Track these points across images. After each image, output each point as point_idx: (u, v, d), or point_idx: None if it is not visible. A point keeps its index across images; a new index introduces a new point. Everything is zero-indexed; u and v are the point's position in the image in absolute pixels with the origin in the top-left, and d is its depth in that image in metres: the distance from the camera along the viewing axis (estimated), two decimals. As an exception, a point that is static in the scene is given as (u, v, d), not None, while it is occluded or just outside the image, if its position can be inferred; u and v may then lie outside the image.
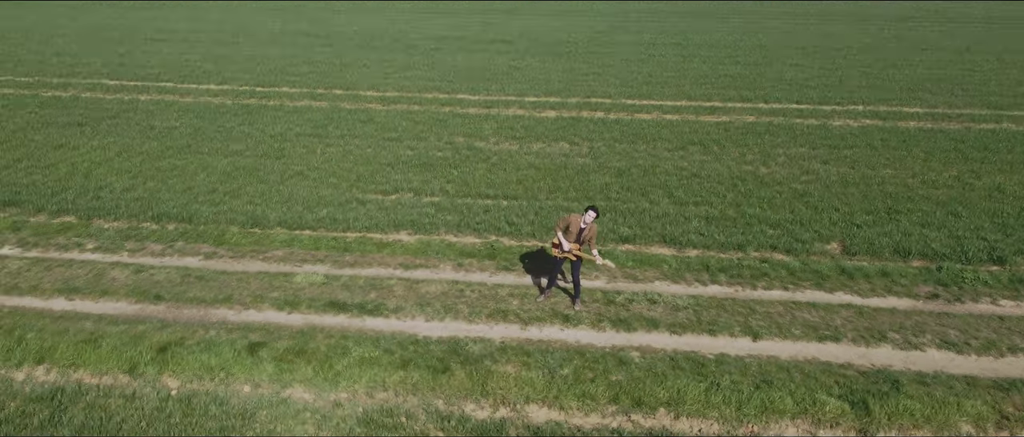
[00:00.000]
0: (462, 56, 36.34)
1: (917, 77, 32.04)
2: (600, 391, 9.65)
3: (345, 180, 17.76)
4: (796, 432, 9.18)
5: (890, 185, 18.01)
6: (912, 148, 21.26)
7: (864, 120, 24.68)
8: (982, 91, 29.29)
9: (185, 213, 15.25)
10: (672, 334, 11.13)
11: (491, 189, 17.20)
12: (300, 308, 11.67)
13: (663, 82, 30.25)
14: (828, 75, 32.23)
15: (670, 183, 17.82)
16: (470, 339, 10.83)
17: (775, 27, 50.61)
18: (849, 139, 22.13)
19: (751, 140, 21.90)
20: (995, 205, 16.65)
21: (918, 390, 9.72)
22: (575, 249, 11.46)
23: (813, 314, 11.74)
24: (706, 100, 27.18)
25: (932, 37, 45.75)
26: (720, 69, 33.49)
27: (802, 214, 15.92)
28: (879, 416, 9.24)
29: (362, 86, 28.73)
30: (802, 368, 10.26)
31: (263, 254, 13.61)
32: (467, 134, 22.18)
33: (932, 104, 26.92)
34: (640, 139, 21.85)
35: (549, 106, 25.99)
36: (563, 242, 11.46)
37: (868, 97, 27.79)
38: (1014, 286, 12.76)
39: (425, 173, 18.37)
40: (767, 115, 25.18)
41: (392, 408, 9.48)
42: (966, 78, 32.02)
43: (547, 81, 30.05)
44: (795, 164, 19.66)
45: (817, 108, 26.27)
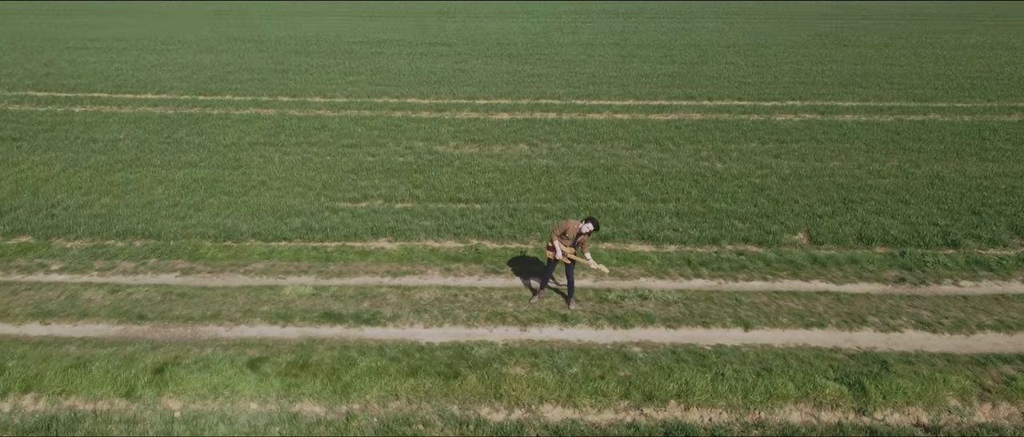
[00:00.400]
0: (404, 60, 36.10)
1: (846, 72, 33.59)
2: (611, 387, 9.85)
3: (311, 189, 17.46)
4: (800, 416, 9.58)
5: (840, 176, 18.88)
6: (853, 140, 22.33)
7: (804, 114, 25.75)
8: (906, 84, 30.95)
9: (151, 229, 14.72)
10: (668, 328, 11.44)
11: (461, 193, 17.22)
12: (294, 321, 11.46)
13: (608, 82, 30.80)
14: (763, 72, 33.45)
15: (635, 181, 18.22)
16: (473, 343, 10.88)
17: (705, 26, 52.12)
18: (794, 133, 23.07)
19: (703, 137, 22.56)
20: (937, 192, 17.68)
21: (906, 369, 10.30)
22: (570, 252, 11.65)
23: (796, 302, 12.26)
24: (653, 99, 27.83)
25: (852, 34, 47.98)
26: (659, 68, 34.31)
27: (765, 207, 16.54)
28: (875, 396, 9.75)
29: (308, 92, 28.22)
30: (796, 354, 10.71)
31: (243, 268, 13.28)
32: (425, 138, 22.10)
33: (864, 97, 28.30)
34: (597, 139, 22.22)
35: (501, 108, 26.13)
36: (558, 246, 11.63)
37: (804, 93, 28.99)
38: (970, 268, 13.62)
39: (391, 179, 18.24)
40: (713, 112, 25.97)
41: (407, 416, 9.44)
42: (889, 72, 33.76)
43: (494, 83, 30.18)
44: (749, 159, 20.38)
45: (758, 104, 27.25)
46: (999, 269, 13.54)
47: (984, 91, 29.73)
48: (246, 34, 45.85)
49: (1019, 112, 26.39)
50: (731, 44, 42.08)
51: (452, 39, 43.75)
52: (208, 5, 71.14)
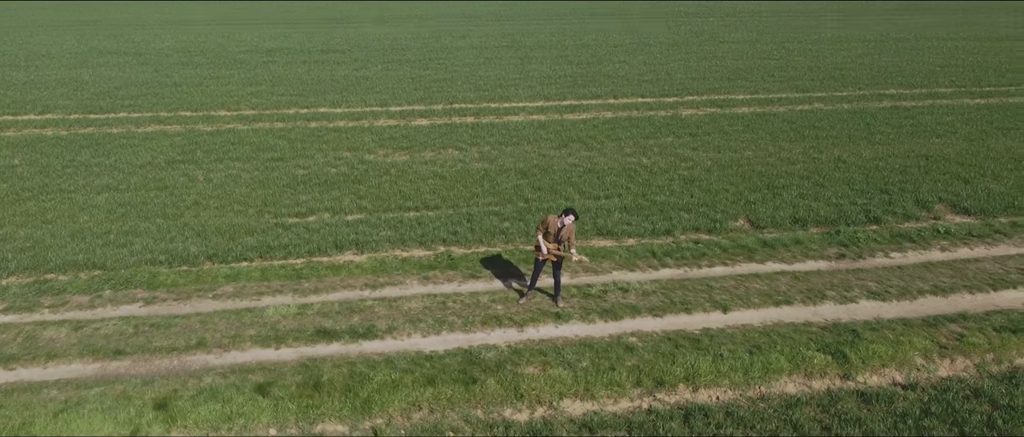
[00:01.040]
0: (301, 68, 35.13)
1: (729, 67, 35.83)
2: (623, 378, 10.29)
3: (251, 205, 16.85)
4: (794, 387, 10.40)
5: (756, 165, 20.28)
6: (757, 131, 23.99)
7: (705, 109, 27.33)
8: (784, 76, 33.45)
9: (93, 259, 13.76)
10: (654, 317, 12.03)
11: (408, 201, 17.16)
12: (287, 342, 11.14)
13: (513, 84, 31.34)
14: (656, 70, 35.11)
15: (574, 180, 18.80)
16: (478, 347, 11.01)
17: (589, 28, 53.77)
18: (702, 126, 24.48)
19: (621, 134, 23.51)
20: (845, 174, 19.39)
21: (874, 335, 11.38)
22: (554, 249, 11.98)
23: (760, 283, 13.19)
24: (562, 99, 28.62)
25: (723, 31, 51.12)
26: (558, 69, 35.24)
27: (701, 197, 17.55)
28: (855, 362, 10.73)
29: (211, 106, 26.97)
30: (776, 331, 11.57)
31: (211, 292, 12.71)
32: (351, 148, 21.76)
33: (753, 90, 30.35)
34: (522, 141, 22.67)
35: (418, 114, 26.06)
36: (542, 245, 11.95)
37: (698, 88, 30.73)
38: (896, 241, 15.11)
39: (331, 191, 17.89)
40: (622, 110, 27.06)
41: (434, 425, 9.47)
42: (767, 65, 36.34)
43: (403, 90, 30.01)
44: (669, 153, 21.47)
45: (661, 100, 28.64)
46: (920, 240, 15.11)
47: (854, 80, 32.63)
48: (119, 46, 42.97)
49: (888, 99, 29.19)
50: (618, 44, 43.78)
51: (344, 46, 42.93)
52: (60, 15, 65.89)
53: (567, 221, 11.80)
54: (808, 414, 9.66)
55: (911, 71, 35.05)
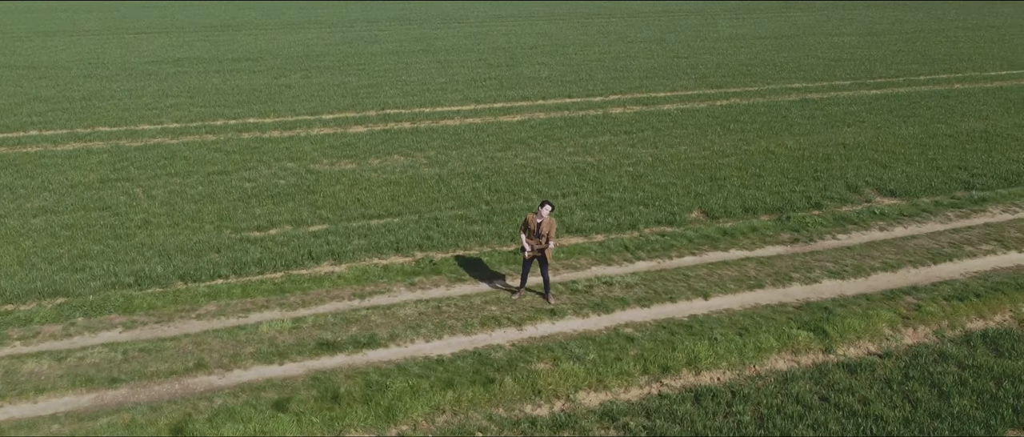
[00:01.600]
0: (216, 78, 33.91)
1: (644, 66, 37.17)
2: (631, 367, 10.74)
3: (206, 221, 16.33)
4: (784, 364, 11.16)
5: (694, 159, 21.29)
6: (685, 126, 25.12)
7: (632, 107, 28.34)
8: (696, 74, 35.04)
9: (52, 286, 13.03)
10: (643, 307, 12.57)
11: (370, 209, 17.07)
12: (291, 357, 10.98)
13: (440, 88, 31.42)
14: (576, 70, 35.99)
15: (528, 180, 19.19)
16: (484, 348, 11.21)
17: (498, 30, 54.24)
18: (635, 124, 25.41)
19: (559, 134, 24.10)
20: (776, 164, 20.65)
21: (844, 311, 12.34)
22: (537, 245, 12.26)
23: (730, 270, 13.98)
24: (493, 102, 28.97)
25: (628, 31, 52.81)
26: (480, 72, 35.55)
27: (652, 192, 18.32)
28: (834, 336, 11.62)
29: (131, 120, 25.72)
30: (756, 313, 12.35)
31: (193, 312, 12.31)
32: (293, 159, 21.34)
33: (672, 88, 31.67)
34: (465, 144, 22.87)
35: (353, 122, 25.78)
36: (525, 244, 12.27)
37: (621, 87, 31.78)
38: (839, 223, 16.32)
39: (285, 203, 17.55)
40: (554, 111, 27.68)
41: (460, 426, 9.62)
42: (678, 64, 37.92)
43: (330, 97, 29.54)
44: (610, 151, 22.21)
45: (588, 100, 29.46)
46: (860, 222, 16.37)
47: (761, 76, 34.57)
48: (8, 59, 40.05)
49: (795, 92, 31.13)
50: (533, 46, 44.51)
51: (254, 53, 41.65)
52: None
53: (544, 212, 12.10)
54: (804, 387, 10.41)
55: (809, 66, 37.43)
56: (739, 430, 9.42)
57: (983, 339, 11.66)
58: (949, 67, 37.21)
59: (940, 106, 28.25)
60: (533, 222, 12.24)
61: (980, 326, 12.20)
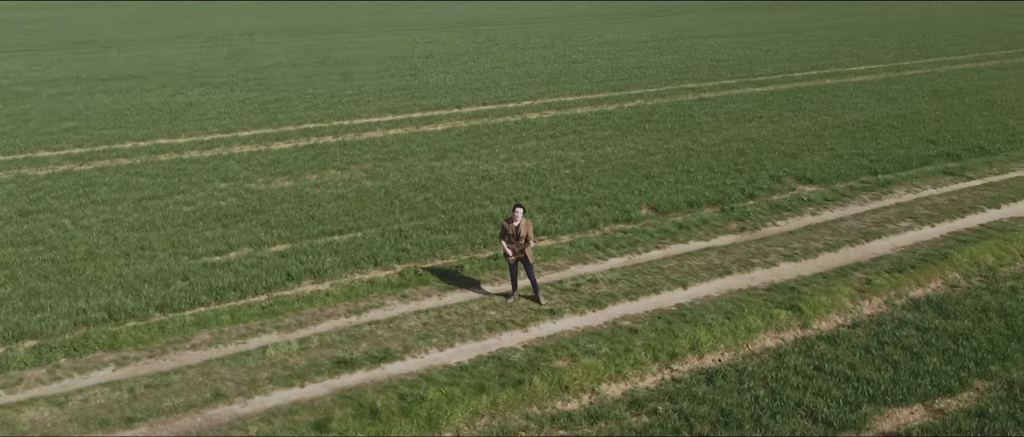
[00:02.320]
0: (106, 98, 31.85)
1: (544, 71, 38.26)
2: (642, 357, 11.42)
3: (157, 249, 15.60)
4: (771, 341, 12.20)
5: (622, 158, 22.38)
6: (603, 128, 26.27)
7: (546, 112, 29.24)
8: (595, 78, 36.49)
9: (15, 329, 12.11)
10: (631, 300, 13.29)
11: (327, 226, 16.89)
12: (310, 378, 10.85)
13: (350, 100, 31.09)
14: (480, 77, 36.55)
15: (476, 188, 19.55)
16: (498, 352, 11.53)
17: (384, 41, 53.82)
18: (556, 128, 26.28)
19: (487, 141, 24.57)
20: (699, 160, 22.09)
21: (809, 290, 13.58)
22: (518, 247, 12.64)
23: (697, 260, 14.98)
24: (409, 112, 29.02)
25: (519, 38, 53.93)
26: (386, 83, 35.41)
27: (598, 192, 19.17)
28: (808, 313, 12.80)
29: (28, 147, 23.83)
30: (733, 298, 13.37)
31: (187, 343, 11.85)
32: (224, 179, 20.61)
33: (578, 92, 32.88)
34: (400, 155, 22.89)
35: (272, 138, 25.12)
36: (506, 248, 12.71)
37: (529, 93, 32.66)
38: (776, 211, 17.77)
39: (236, 224, 17.04)
40: (472, 118, 28.11)
41: (501, 427, 9.93)
42: (575, 69, 39.30)
43: (239, 113, 28.56)
44: (543, 155, 22.94)
45: (503, 106, 30.11)
46: (793, 209, 17.91)
47: (654, 78, 36.50)
48: None
49: (692, 92, 33.16)
50: (429, 54, 44.65)
51: (137, 70, 39.32)
52: None
53: (517, 214, 12.57)
54: (798, 361, 11.45)
55: (696, 67, 39.84)
56: (757, 403, 10.29)
57: (928, 304, 13.21)
58: (816, 64, 40.71)
59: (820, 100, 30.99)
60: (511, 227, 12.66)
61: (920, 293, 13.79)
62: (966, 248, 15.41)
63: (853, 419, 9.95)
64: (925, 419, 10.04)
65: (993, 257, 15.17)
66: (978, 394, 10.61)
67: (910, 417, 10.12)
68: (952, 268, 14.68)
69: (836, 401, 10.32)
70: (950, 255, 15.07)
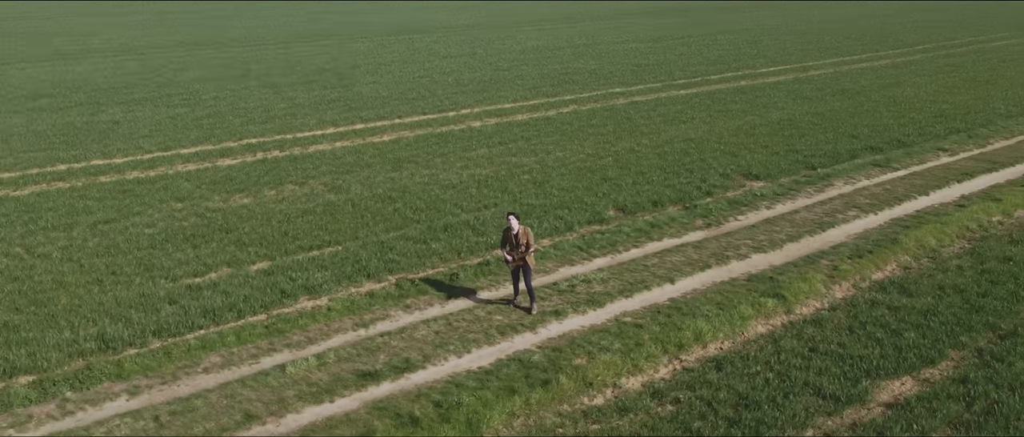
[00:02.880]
0: (18, 119, 29.96)
1: (472, 79, 38.63)
2: (653, 350, 12.02)
3: (131, 274, 15.06)
4: (763, 328, 13.07)
5: (575, 163, 23.06)
6: (549, 133, 26.90)
7: (488, 119, 29.64)
8: (524, 85, 37.17)
9: (8, 365, 11.52)
10: (626, 298, 13.90)
11: (303, 241, 16.73)
12: (338, 392, 10.86)
13: (286, 113, 30.52)
14: (412, 87, 36.55)
15: (441, 196, 19.73)
16: (517, 354, 11.88)
17: (304, 51, 52.69)
18: (503, 135, 26.71)
19: (439, 150, 24.73)
20: (650, 161, 23.02)
21: (785, 278, 14.57)
22: (518, 254, 13.01)
23: (677, 256, 15.77)
24: (351, 124, 28.78)
25: (441, 49, 53.97)
26: (317, 95, 34.89)
27: (563, 196, 19.73)
28: (791, 299, 13.76)
29: (-56, 173, 22.27)
30: (719, 289, 14.20)
31: (199, 366, 11.59)
32: (179, 198, 19.97)
33: (514, 99, 33.42)
34: (354, 167, 22.75)
35: (216, 155, 24.42)
36: (505, 256, 13.09)
37: (467, 101, 32.96)
38: (734, 206, 18.83)
39: (207, 244, 16.62)
40: (417, 128, 28.18)
41: (537, 426, 10.29)
42: (501, 76, 39.85)
43: (173, 130, 27.55)
44: (497, 162, 23.33)
45: (444, 115, 30.29)
46: (749, 204, 19.02)
47: (583, 83, 37.52)
48: None
49: (620, 96, 34.32)
50: (354, 65, 44.18)
51: (45, 89, 37.08)
52: None
53: (512, 222, 12.96)
54: (793, 344, 12.33)
55: (619, 72, 41.15)
56: (769, 385, 11.05)
57: (891, 285, 14.44)
58: (728, 67, 42.83)
59: (743, 101, 32.75)
60: (510, 235, 13.02)
61: (881, 276, 15.04)
62: (911, 233, 16.86)
63: (856, 393, 10.85)
64: (917, 389, 11.06)
65: (935, 240, 16.66)
66: (955, 363, 11.76)
67: (903, 388, 11.11)
68: (903, 251, 16.04)
69: (837, 378, 11.21)
70: (899, 239, 16.46)
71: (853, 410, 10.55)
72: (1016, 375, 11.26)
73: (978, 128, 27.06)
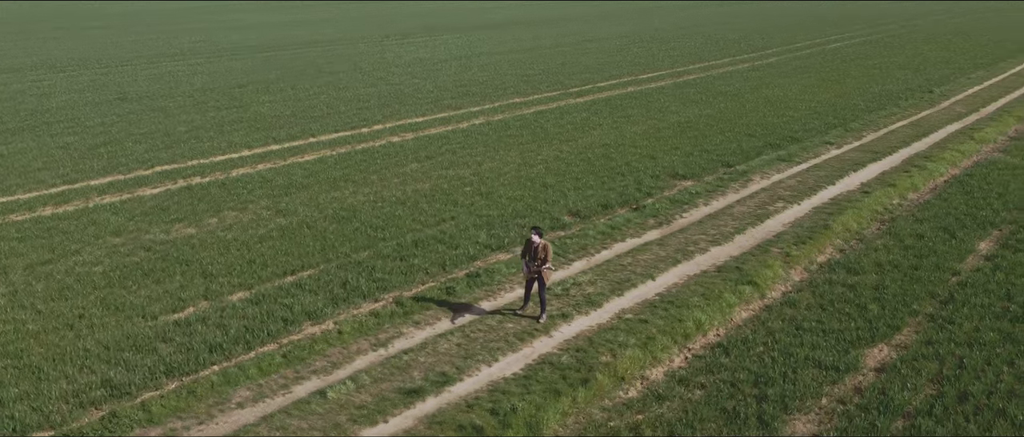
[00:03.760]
0: None
1: (373, 95, 38.40)
2: (666, 341, 13.00)
3: (103, 315, 14.20)
4: (746, 313, 14.40)
5: (509, 172, 23.78)
6: (472, 146, 27.42)
7: (404, 134, 29.73)
8: (425, 100, 37.47)
9: (17, 423, 10.71)
10: (619, 296, 14.82)
11: (276, 267, 16.38)
12: (389, 412, 10.98)
13: (188, 138, 29.06)
14: (303, 107, 35.76)
15: (395, 214, 19.81)
16: (545, 357, 12.45)
17: (182, 70, 49.87)
18: (428, 149, 26.95)
19: (370, 167, 24.64)
20: (580, 167, 24.15)
21: (749, 266, 16.03)
22: (535, 267, 13.66)
23: (647, 254, 16.88)
24: (265, 145, 27.93)
25: (323, 64, 52.82)
26: (214, 116, 33.45)
27: (514, 205, 20.39)
28: (763, 285, 15.22)
29: None
30: (696, 281, 15.43)
31: (230, 402, 11.27)
32: (113, 232, 18.78)
33: (422, 113, 33.62)
34: (292, 188, 22.24)
35: (131, 185, 22.98)
36: (525, 266, 13.69)
37: (373, 117, 32.79)
38: (677, 205, 20.25)
39: (169, 279, 15.88)
40: (338, 146, 27.81)
41: (589, 422, 10.96)
42: (401, 91, 39.89)
43: (66, 161, 25.52)
44: (432, 175, 23.61)
45: (358, 132, 30.05)
46: (690, 201, 20.53)
47: (482, 96, 38.29)
48: None
49: (524, 106, 35.40)
50: (239, 84, 42.46)
51: None
52: None
53: (534, 238, 13.60)
54: (778, 324, 13.72)
55: (513, 83, 42.22)
56: (776, 363, 12.30)
57: (837, 266, 16.26)
58: (610, 75, 45.06)
59: (638, 106, 34.79)
60: (531, 247, 13.57)
61: (824, 258, 16.88)
62: (836, 218, 18.94)
63: (849, 362, 12.32)
64: (895, 353, 12.70)
65: (856, 224, 18.83)
66: (915, 328, 13.56)
67: (882, 354, 12.72)
68: (835, 236, 18.04)
69: (830, 351, 12.66)
70: (830, 225, 18.47)
71: (851, 377, 12.00)
72: (968, 334, 13.18)
73: (850, 122, 30.41)
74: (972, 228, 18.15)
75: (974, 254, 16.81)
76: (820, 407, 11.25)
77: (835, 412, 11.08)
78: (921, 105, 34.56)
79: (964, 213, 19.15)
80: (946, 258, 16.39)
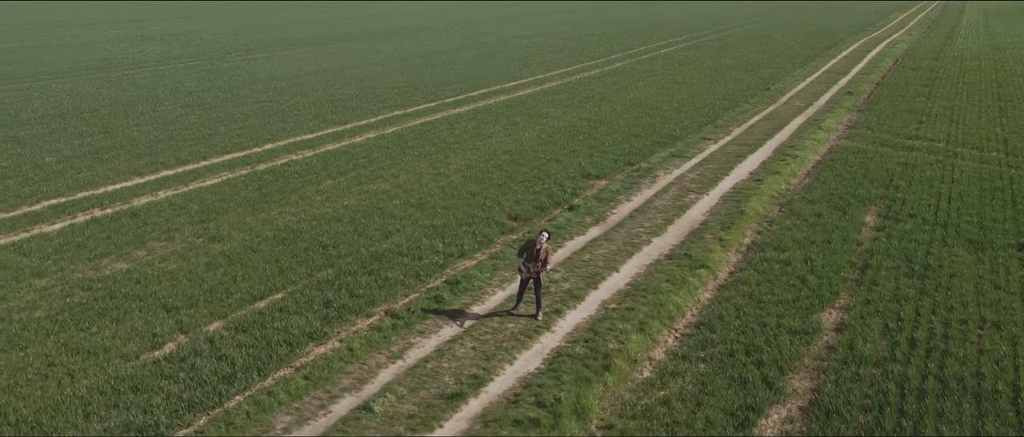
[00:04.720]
0: None
1: (249, 113, 37.03)
2: (658, 325, 14.30)
3: (78, 362, 13.33)
4: (709, 294, 16.05)
5: (428, 184, 24.30)
6: (379, 161, 27.57)
7: (300, 151, 29.18)
8: (313, 112, 36.75)
9: None
10: (595, 289, 15.98)
11: (244, 293, 15.96)
12: (440, 417, 11.39)
13: (57, 171, 26.69)
14: (178, 129, 33.96)
15: (337, 230, 19.79)
16: (559, 351, 13.32)
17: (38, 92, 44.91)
18: (335, 166, 26.72)
19: (283, 187, 24.16)
20: (497, 173, 25.11)
21: (695, 252, 17.77)
22: (534, 268, 14.48)
23: (600, 249, 18.15)
24: (155, 172, 26.38)
25: (185, 82, 49.56)
26: (84, 144, 30.89)
27: (453, 214, 20.99)
28: (713, 267, 16.98)
29: None
30: (658, 268, 16.93)
31: (276, 427, 11.16)
32: (34, 275, 17.27)
33: (311, 130, 33.02)
34: (212, 214, 21.37)
35: (50, 216, 20.99)
36: (522, 266, 14.49)
37: (261, 136, 31.78)
38: (605, 202, 21.73)
39: (129, 317, 15.07)
40: (238, 167, 26.81)
41: (625, 403, 12.00)
42: (274, 108, 38.73)
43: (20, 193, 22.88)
44: (354, 191, 23.61)
45: (251, 153, 29.07)
46: (611, 199, 22.09)
47: (360, 109, 38.11)
48: None
49: (412, 117, 35.72)
50: (94, 108, 39.14)
51: None
52: None
53: (542, 239, 14.51)
54: (743, 301, 15.46)
55: (384, 95, 42.27)
56: (757, 333, 13.96)
57: (765, 246, 18.41)
58: (475, 85, 46.28)
59: (519, 113, 36.24)
60: (533, 248, 14.35)
61: (749, 240, 19.01)
62: (746, 204, 21.26)
63: (813, 324, 14.24)
64: (845, 315, 14.79)
65: (762, 208, 21.25)
66: (849, 292, 15.81)
67: (833, 316, 14.79)
68: (749, 220, 20.29)
69: (793, 318, 14.54)
70: (743, 210, 20.72)
71: (819, 336, 13.90)
72: (892, 292, 15.59)
73: (716, 119, 33.63)
74: (856, 205, 21.11)
75: (866, 227, 19.63)
76: (805, 366, 13.00)
77: (821, 369, 12.86)
78: (765, 101, 38.77)
79: (844, 193, 22.17)
80: (848, 231, 19.05)
